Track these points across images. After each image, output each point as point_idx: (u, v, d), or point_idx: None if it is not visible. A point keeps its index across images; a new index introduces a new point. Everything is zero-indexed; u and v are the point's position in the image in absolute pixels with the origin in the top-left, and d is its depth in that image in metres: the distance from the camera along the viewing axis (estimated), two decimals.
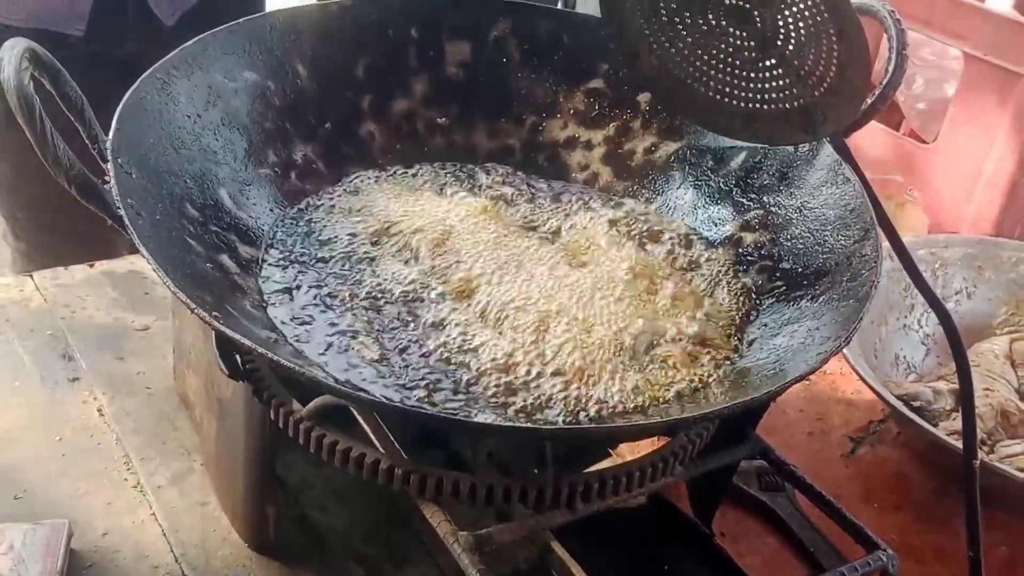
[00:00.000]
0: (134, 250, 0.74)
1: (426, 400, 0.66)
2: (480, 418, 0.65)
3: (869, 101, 0.79)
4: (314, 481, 0.84)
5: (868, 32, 0.72)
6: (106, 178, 0.64)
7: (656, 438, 0.75)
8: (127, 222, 0.62)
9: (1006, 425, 0.93)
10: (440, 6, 0.92)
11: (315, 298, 0.74)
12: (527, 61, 0.93)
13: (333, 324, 0.72)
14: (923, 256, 1.06)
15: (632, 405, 0.67)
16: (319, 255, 0.78)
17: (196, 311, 0.58)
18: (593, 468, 0.67)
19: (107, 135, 0.67)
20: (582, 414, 0.67)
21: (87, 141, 0.66)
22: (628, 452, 0.81)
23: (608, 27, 0.82)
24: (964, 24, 1.14)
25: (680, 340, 0.73)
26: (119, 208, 0.62)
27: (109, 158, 0.65)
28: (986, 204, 1.18)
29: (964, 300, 1.07)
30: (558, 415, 0.67)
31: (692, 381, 0.70)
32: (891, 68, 0.78)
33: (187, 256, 0.68)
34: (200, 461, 0.85)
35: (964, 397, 0.71)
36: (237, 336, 0.59)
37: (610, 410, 0.67)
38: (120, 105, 0.69)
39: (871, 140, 1.24)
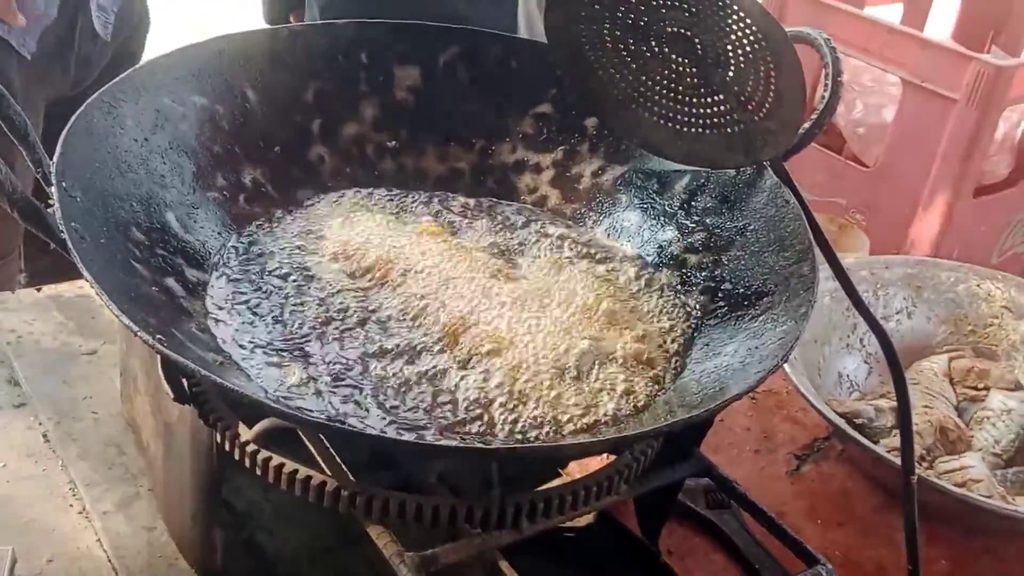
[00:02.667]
0: None
1: (371, 420, 0.67)
2: (425, 439, 0.66)
3: (807, 126, 0.82)
4: (262, 504, 0.84)
5: (807, 60, 0.74)
6: (50, 202, 0.64)
7: (603, 457, 0.76)
8: (70, 246, 0.62)
9: (944, 441, 0.95)
10: (390, 32, 0.93)
11: (262, 320, 0.74)
12: (476, 86, 0.94)
13: (280, 346, 0.72)
14: (864, 277, 1.08)
15: (576, 425, 0.68)
16: (267, 278, 0.78)
17: (140, 335, 0.58)
18: (540, 488, 0.68)
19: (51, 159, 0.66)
20: (527, 434, 0.67)
21: (31, 165, 0.66)
22: (578, 472, 0.82)
23: (555, 53, 0.83)
24: (902, 52, 1.18)
25: (623, 360, 0.74)
26: (62, 232, 0.62)
27: (53, 182, 0.64)
28: (925, 226, 1.21)
29: (904, 320, 1.09)
30: (503, 435, 0.67)
31: (635, 400, 0.71)
32: (827, 94, 0.81)
33: (132, 280, 0.68)
34: (147, 486, 0.85)
35: (901, 414, 0.73)
36: (181, 359, 0.59)
37: (554, 430, 0.68)
38: (65, 129, 0.69)
39: (813, 163, 1.27)
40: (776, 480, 0.96)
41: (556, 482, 0.79)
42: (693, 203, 0.87)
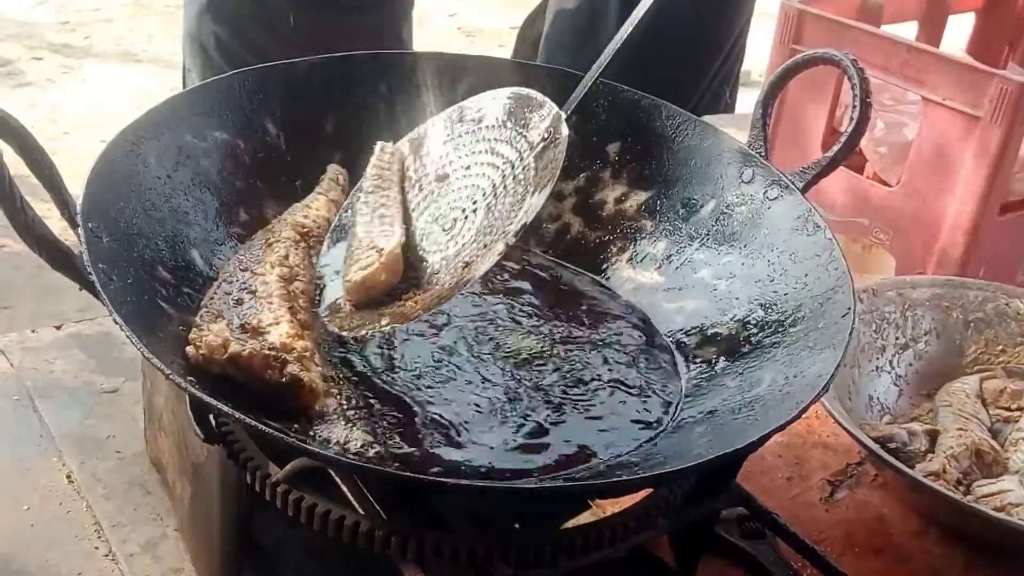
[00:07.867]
0: None
1: (406, 460, 0.66)
2: (461, 479, 0.65)
3: (835, 149, 0.81)
4: (291, 543, 0.83)
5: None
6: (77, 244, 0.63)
7: None
8: (99, 288, 0.61)
9: (980, 464, 0.93)
10: (408, 62, 0.93)
11: None
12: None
13: None
14: (892, 297, 1.07)
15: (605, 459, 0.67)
16: None
17: (172, 377, 0.57)
18: (576, 523, 0.67)
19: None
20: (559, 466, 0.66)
21: (57, 207, 0.65)
22: (609, 502, 0.81)
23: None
24: (921, 70, 1.17)
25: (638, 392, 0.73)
26: (91, 274, 0.61)
27: (79, 223, 0.64)
28: (951, 245, 1.19)
29: (933, 340, 1.07)
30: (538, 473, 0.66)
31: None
32: (856, 117, 0.80)
33: (160, 320, 0.67)
34: (173, 526, 0.84)
35: None
36: (213, 401, 0.58)
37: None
38: (90, 169, 0.69)
39: (835, 183, 1.25)
40: (810, 507, 0.94)
41: (587, 515, 0.78)
42: (720, 228, 0.86)
